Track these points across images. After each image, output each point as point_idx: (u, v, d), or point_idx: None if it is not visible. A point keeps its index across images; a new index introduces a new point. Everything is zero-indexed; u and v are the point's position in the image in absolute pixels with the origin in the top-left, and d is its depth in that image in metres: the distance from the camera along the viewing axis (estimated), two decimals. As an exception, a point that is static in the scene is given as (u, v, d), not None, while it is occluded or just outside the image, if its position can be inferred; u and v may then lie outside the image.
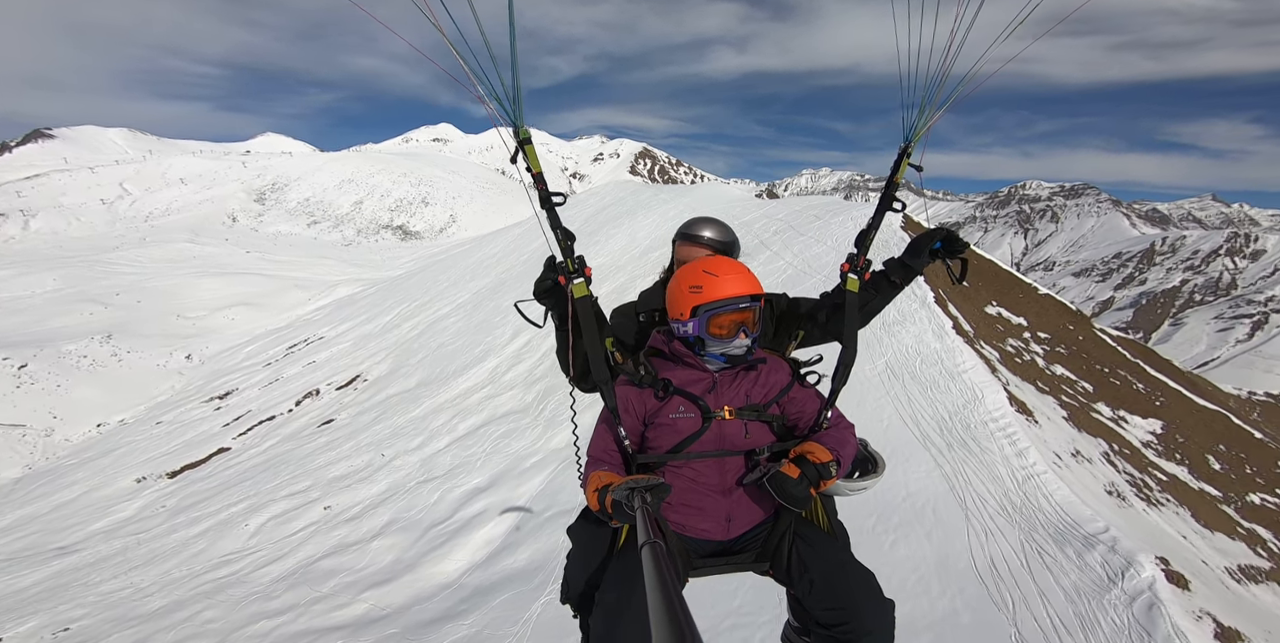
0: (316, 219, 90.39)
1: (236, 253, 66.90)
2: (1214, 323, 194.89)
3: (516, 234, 30.59)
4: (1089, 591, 6.06)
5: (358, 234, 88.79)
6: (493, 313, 21.25)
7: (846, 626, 1.71)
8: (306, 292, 48.55)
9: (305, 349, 32.41)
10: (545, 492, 11.23)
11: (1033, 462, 7.20)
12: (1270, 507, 10.08)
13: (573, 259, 1.94)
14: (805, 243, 15.77)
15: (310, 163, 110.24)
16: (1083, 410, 9.84)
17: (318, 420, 21.48)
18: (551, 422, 13.42)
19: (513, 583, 9.25)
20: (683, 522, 1.93)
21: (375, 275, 51.33)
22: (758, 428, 1.94)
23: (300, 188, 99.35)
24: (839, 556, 1.87)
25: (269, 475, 17.69)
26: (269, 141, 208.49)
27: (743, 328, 1.92)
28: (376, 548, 11.93)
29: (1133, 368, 12.84)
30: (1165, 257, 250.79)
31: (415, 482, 14.02)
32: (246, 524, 14.74)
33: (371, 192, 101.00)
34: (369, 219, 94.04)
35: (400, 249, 76.38)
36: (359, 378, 23.92)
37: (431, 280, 31.42)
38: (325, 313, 39.55)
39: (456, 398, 17.19)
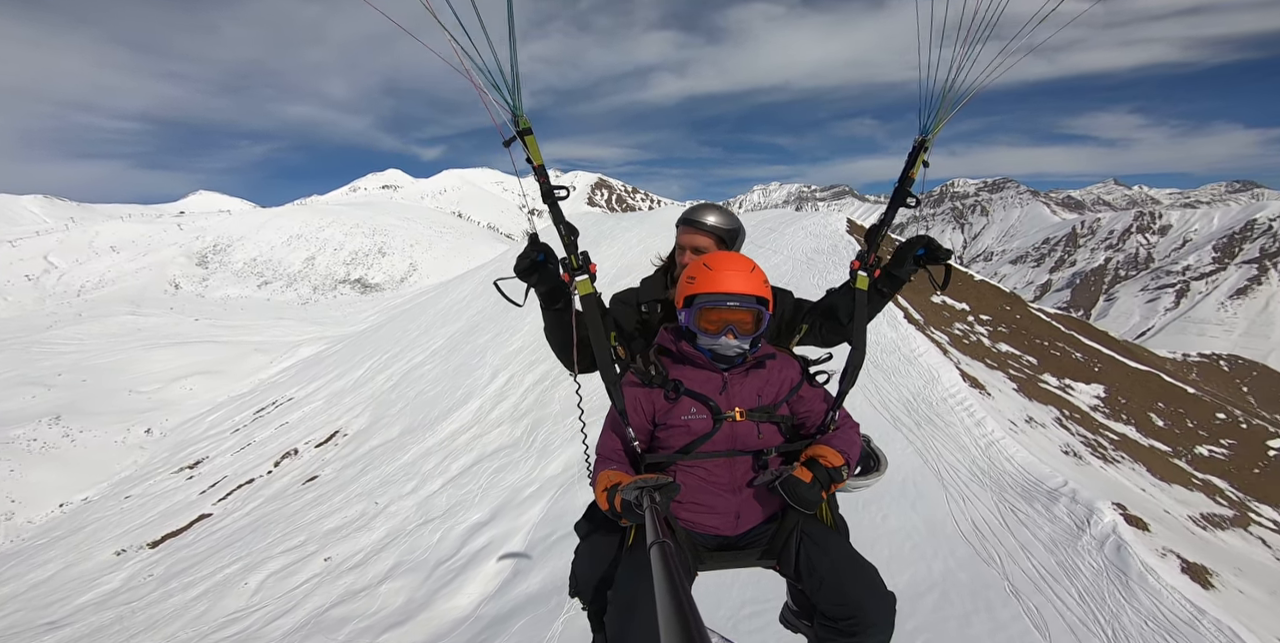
0: (267, 279, 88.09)
1: (184, 321, 64.54)
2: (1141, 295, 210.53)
3: (483, 276, 31.07)
4: (1063, 540, 6.79)
5: (314, 291, 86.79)
6: (470, 355, 21.49)
7: (852, 620, 1.77)
8: (267, 355, 47.15)
9: (275, 412, 31.48)
10: (547, 518, 11.46)
11: (990, 429, 8.11)
12: (1219, 457, 11.29)
13: (576, 255, 1.88)
14: (764, 254, 17.02)
15: (252, 220, 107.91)
16: (1030, 382, 11.01)
17: (301, 479, 20.95)
18: (544, 452, 13.72)
19: (529, 607, 9.36)
20: (692, 519, 1.95)
21: (339, 332, 50.42)
22: (769, 428, 1.96)
23: (245, 248, 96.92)
24: (845, 553, 1.90)
25: (259, 536, 17.19)
26: (203, 200, 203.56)
27: (731, 328, 1.88)
28: (386, 592, 11.84)
29: (1069, 339, 14.30)
30: (1086, 238, 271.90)
31: (414, 525, 13.95)
32: (246, 583, 14.36)
33: (323, 246, 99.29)
34: (324, 275, 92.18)
35: (362, 303, 75.18)
36: (338, 433, 23.49)
37: (400, 331, 31.36)
38: (291, 374, 38.56)
39: (444, 441, 17.25)
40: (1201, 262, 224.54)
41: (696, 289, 1.91)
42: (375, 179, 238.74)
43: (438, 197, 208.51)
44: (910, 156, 2.00)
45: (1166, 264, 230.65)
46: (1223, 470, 11.24)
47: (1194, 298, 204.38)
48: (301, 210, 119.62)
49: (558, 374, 16.31)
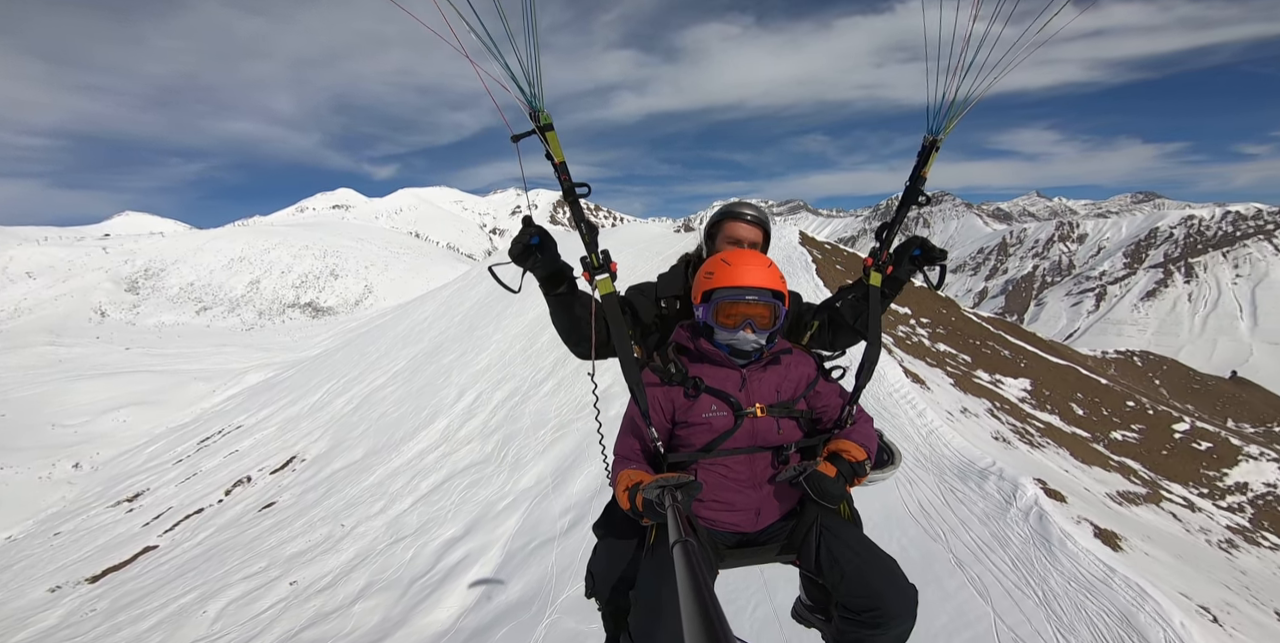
0: (206, 305, 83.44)
1: (113, 350, 60.41)
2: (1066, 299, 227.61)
3: (445, 296, 30.82)
4: (994, 513, 7.61)
5: (259, 317, 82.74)
6: (434, 376, 21.35)
7: (875, 611, 1.77)
8: (209, 383, 44.76)
9: (222, 440, 29.99)
10: (524, 528, 11.61)
11: (930, 420, 9.01)
12: (1131, 441, 12.70)
13: (597, 253, 1.87)
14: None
15: (188, 242, 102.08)
16: (965, 377, 12.16)
17: (256, 506, 20.15)
18: (516, 465, 13.87)
19: (511, 615, 9.48)
20: (712, 517, 1.94)
21: (289, 357, 48.41)
22: (788, 424, 1.96)
23: (181, 272, 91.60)
24: (865, 546, 1.91)
25: (214, 564, 16.49)
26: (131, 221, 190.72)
27: (749, 322, 1.89)
28: (360, 611, 11.62)
29: (999, 339, 15.80)
30: (1015, 248, 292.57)
31: (385, 544, 13.75)
32: (205, 611, 13.82)
33: (269, 269, 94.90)
34: (270, 299, 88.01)
35: (314, 327, 72.21)
36: (295, 459, 22.71)
37: (358, 354, 30.63)
38: (238, 402, 36.78)
39: (411, 461, 17.08)
40: (1115, 267, 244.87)
41: (715, 284, 1.92)
42: (325, 199, 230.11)
43: (393, 216, 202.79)
44: (921, 156, 2.02)
45: (1085, 270, 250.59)
46: (1135, 453, 12.65)
47: (1111, 301, 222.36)
48: (243, 232, 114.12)
49: (528, 389, 16.51)
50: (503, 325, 21.59)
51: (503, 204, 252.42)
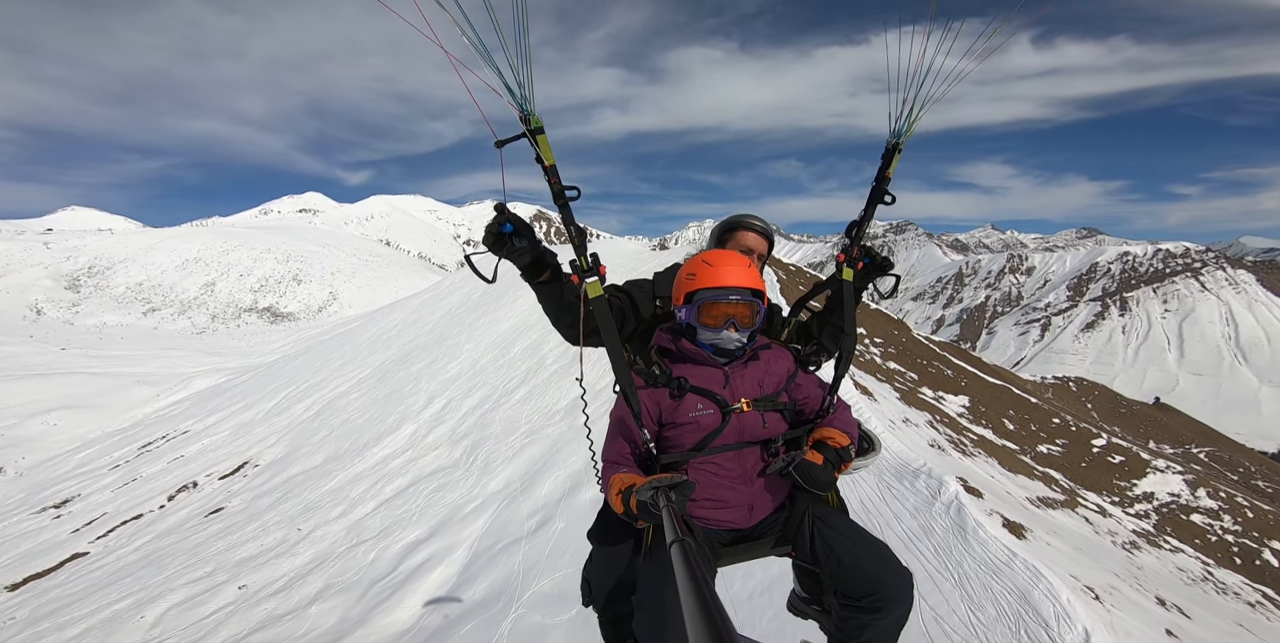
0: (155, 306, 79.44)
1: (48, 350, 56.89)
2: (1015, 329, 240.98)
3: (416, 305, 30.64)
4: (923, 507, 8.40)
5: (213, 320, 79.14)
6: (402, 383, 21.27)
7: (874, 596, 1.80)
8: (153, 387, 42.59)
9: (166, 446, 28.70)
10: (491, 530, 11.78)
11: (874, 427, 9.86)
12: (1054, 454, 13.94)
13: (586, 256, 1.89)
14: (693, 286, 18.77)
15: (139, 241, 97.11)
16: (911, 392, 13.20)
17: (202, 511, 19.45)
18: (486, 470, 14.04)
19: (476, 613, 9.62)
20: (706, 515, 1.95)
21: (243, 363, 46.61)
22: (773, 417, 1.98)
23: (128, 271, 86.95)
24: (858, 532, 1.94)
25: (153, 570, 15.83)
26: (76, 217, 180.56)
27: (732, 321, 1.92)
28: (316, 613, 11.42)
29: (943, 360, 17.11)
30: (970, 278, 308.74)
31: (344, 547, 13.59)
32: (142, 617, 13.23)
33: (226, 271, 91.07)
34: (226, 302, 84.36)
35: (271, 333, 69.57)
36: (247, 464, 22.06)
37: (321, 361, 30.02)
38: (185, 407, 35.22)
39: (375, 466, 16.95)
40: (1059, 299, 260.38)
41: (698, 285, 1.95)
42: (292, 202, 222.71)
43: (363, 223, 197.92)
44: (885, 158, 2.10)
45: (1032, 301, 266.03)
46: (1058, 464, 13.90)
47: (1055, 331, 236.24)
48: (201, 232, 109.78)
49: (499, 397, 16.73)
50: (475, 335, 21.76)
51: (479, 215, 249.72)
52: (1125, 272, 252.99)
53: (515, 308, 22.35)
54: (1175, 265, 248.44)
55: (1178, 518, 14.19)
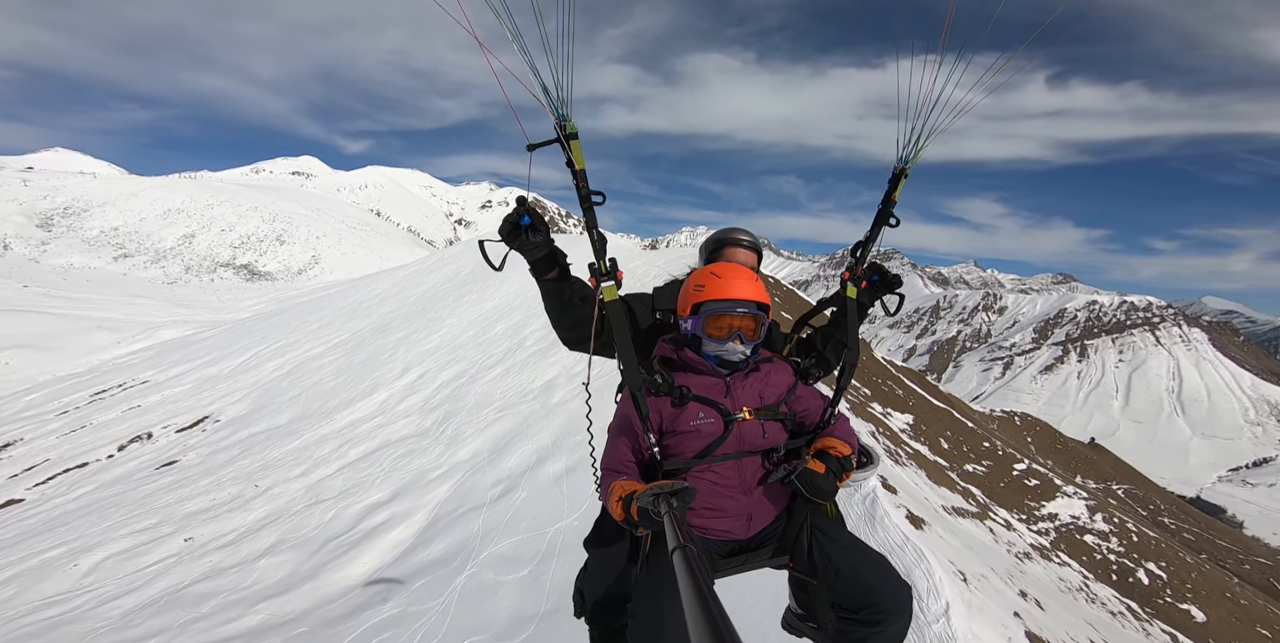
0: (127, 252, 76.96)
1: (9, 286, 54.67)
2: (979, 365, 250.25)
3: (400, 277, 30.48)
4: (844, 497, 8.94)
5: (186, 272, 77.05)
6: (379, 351, 21.21)
7: (872, 608, 1.80)
8: (115, 334, 41.35)
9: (121, 394, 27.97)
10: (454, 496, 11.94)
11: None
12: (979, 473, 14.85)
13: (605, 261, 1.91)
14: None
15: (122, 187, 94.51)
16: (861, 405, 13.92)
17: (154, 463, 19.11)
18: (455, 440, 14.19)
19: (431, 570, 9.77)
20: (705, 525, 1.95)
21: (212, 317, 45.53)
22: (773, 427, 1.99)
23: (105, 215, 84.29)
24: (856, 544, 1.95)
25: (94, 519, 15.47)
26: (59, 158, 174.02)
27: (738, 333, 1.94)
28: (264, 566, 11.27)
29: (897, 380, 18.00)
30: (946, 312, 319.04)
31: (302, 505, 13.55)
32: (76, 565, 12.90)
33: (208, 225, 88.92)
34: (203, 255, 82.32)
35: (246, 290, 68.01)
36: (207, 419, 21.73)
37: (297, 321, 29.65)
38: (147, 357, 34.31)
39: (343, 429, 16.92)
40: (1024, 341, 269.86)
41: (705, 296, 1.97)
42: (286, 164, 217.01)
43: (357, 191, 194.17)
44: (891, 182, 2.17)
45: (999, 340, 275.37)
46: (979, 482, 14.88)
47: (1016, 370, 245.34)
48: (188, 184, 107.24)
49: (475, 372, 16.85)
50: (458, 311, 21.86)
51: (474, 196, 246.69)
52: (1090, 320, 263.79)
53: (501, 290, 22.50)
54: (1136, 318, 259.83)
55: (1072, 537, 15.38)
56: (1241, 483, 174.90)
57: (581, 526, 9.34)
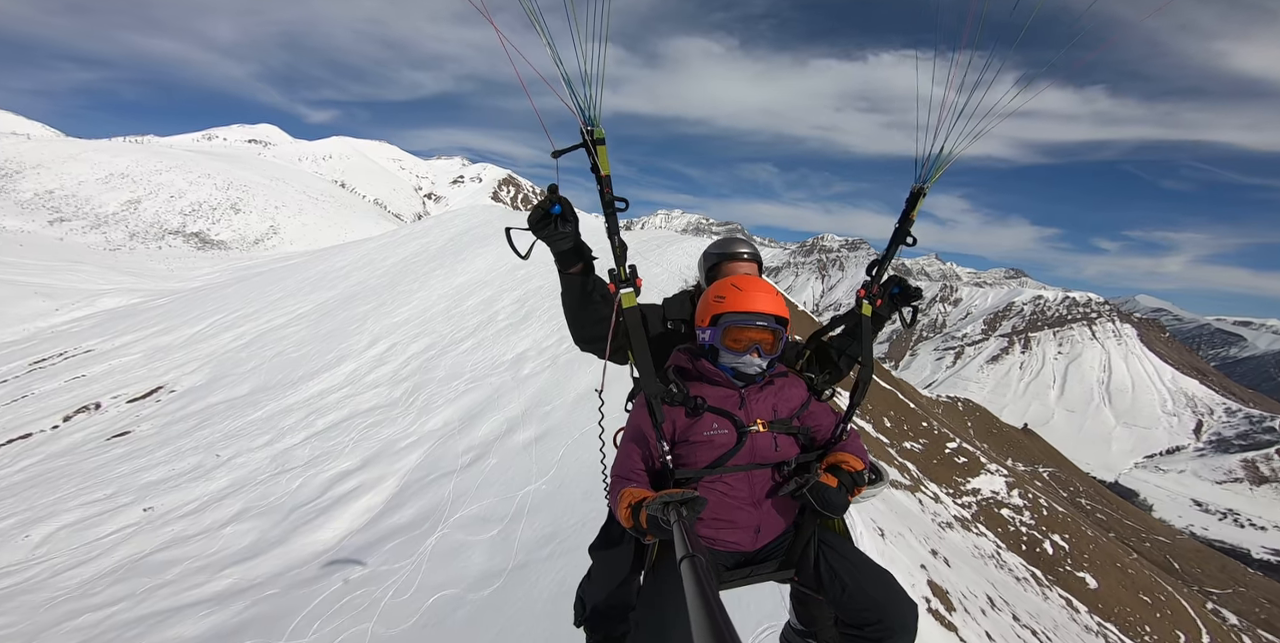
0: (64, 216, 72.08)
1: (-74, 248, 50.51)
2: (933, 353, 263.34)
3: (367, 250, 29.77)
4: None
5: (130, 238, 72.84)
6: (346, 322, 20.92)
7: (878, 625, 1.79)
8: (53, 301, 38.96)
9: (64, 363, 26.69)
10: (425, 463, 12.16)
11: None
12: (915, 450, 16.09)
13: (625, 267, 1.91)
14: (647, 265, 19.70)
15: (58, 149, 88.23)
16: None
17: (105, 434, 18.55)
18: (425, 410, 14.34)
19: (402, 532, 9.99)
20: (713, 536, 1.94)
21: (160, 286, 43.40)
22: (785, 441, 1.99)
23: (40, 177, 78.74)
24: (864, 560, 1.95)
25: (43, 491, 15.02)
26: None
27: (757, 347, 1.93)
28: (230, 533, 11.25)
29: None
30: None
31: (267, 475, 13.52)
32: (27, 536, 12.59)
33: (156, 191, 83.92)
34: (150, 222, 77.85)
35: (198, 259, 64.78)
36: (161, 389, 21.10)
37: (256, 292, 28.74)
38: (89, 325, 32.61)
39: (309, 399, 16.79)
40: (975, 332, 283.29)
41: (726, 308, 1.96)
42: (242, 131, 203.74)
43: (319, 162, 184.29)
44: (909, 202, 2.18)
45: (953, 330, 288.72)
46: (915, 458, 16.20)
47: (966, 360, 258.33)
48: (133, 148, 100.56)
49: (446, 345, 16.93)
50: (429, 285, 21.70)
51: (445, 170, 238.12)
52: (1035, 313, 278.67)
53: (474, 265, 22.39)
54: (1076, 313, 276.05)
55: (991, 510, 17.06)
56: (1155, 469, 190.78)
57: (550, 489, 9.82)
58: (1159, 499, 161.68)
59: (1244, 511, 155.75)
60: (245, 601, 8.97)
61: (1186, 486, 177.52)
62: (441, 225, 29.84)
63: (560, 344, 14.53)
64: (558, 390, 12.69)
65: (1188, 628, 19.39)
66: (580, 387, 12.54)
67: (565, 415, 11.57)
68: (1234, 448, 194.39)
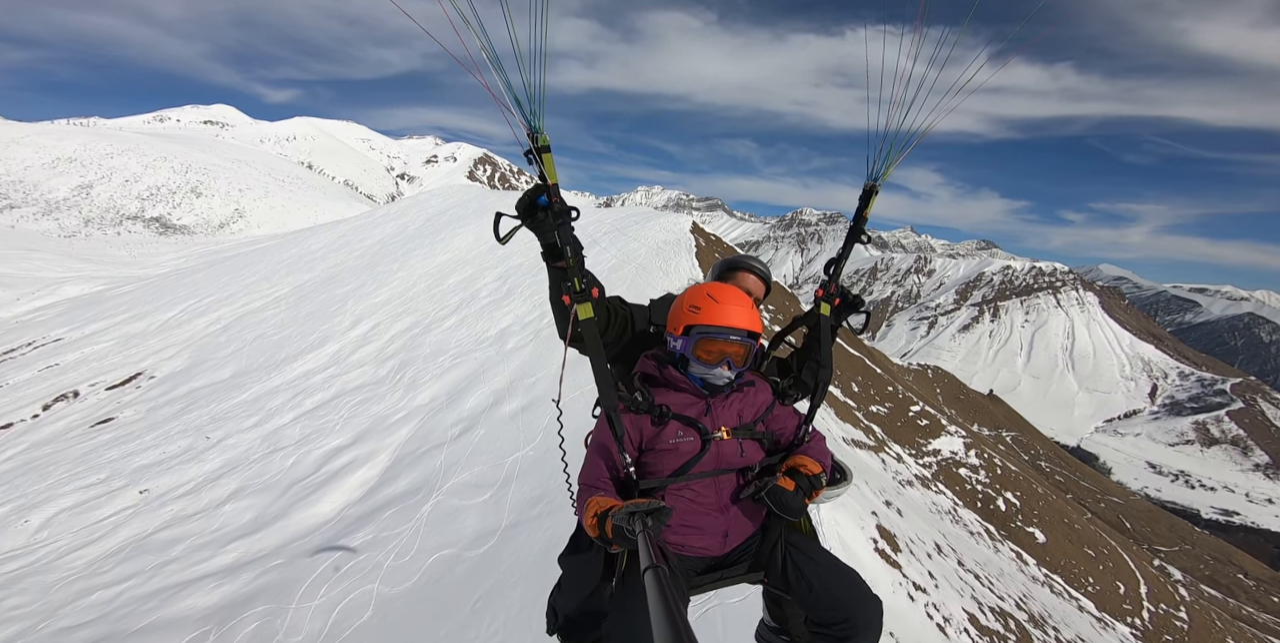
0: (13, 203, 68.72)
1: None
2: (909, 323, 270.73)
3: (343, 231, 29.39)
4: None
5: (86, 224, 69.93)
6: (326, 304, 20.97)
7: (845, 623, 1.86)
8: (12, 290, 37.71)
9: (33, 353, 26.19)
10: (415, 437, 12.62)
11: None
12: (881, 413, 17.12)
13: (581, 279, 1.89)
14: (625, 241, 20.12)
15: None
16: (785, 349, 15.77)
17: (87, 421, 18.56)
18: (412, 386, 14.74)
19: (398, 501, 10.47)
20: (681, 542, 1.96)
21: (123, 272, 42.19)
22: (751, 446, 2.01)
23: (-20, 164, 74.38)
24: (830, 560, 1.99)
25: (33, 478, 15.14)
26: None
27: (727, 360, 1.93)
28: (229, 511, 11.61)
29: None
30: (883, 273, 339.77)
31: (260, 454, 13.82)
32: (26, 521, 12.80)
33: (108, 175, 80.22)
34: (105, 207, 74.67)
35: (160, 244, 62.69)
36: (140, 375, 21.02)
37: (230, 276, 28.33)
38: (55, 314, 31.79)
39: (295, 380, 17.02)
40: (947, 302, 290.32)
41: (700, 320, 1.95)
42: (196, 112, 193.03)
43: (283, 143, 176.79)
44: (862, 200, 2.19)
45: (927, 301, 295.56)
46: (880, 421, 17.25)
47: (939, 330, 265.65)
48: (79, 132, 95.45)
49: (429, 323, 17.25)
50: (409, 264, 21.78)
51: (417, 150, 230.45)
52: (1003, 283, 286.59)
53: (453, 244, 22.47)
54: (1042, 282, 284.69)
55: (949, 470, 18.38)
56: (1113, 433, 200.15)
57: (537, 454, 10.47)
58: (1117, 463, 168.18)
59: (1194, 472, 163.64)
60: (253, 571, 9.41)
61: (1142, 448, 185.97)
62: (419, 205, 29.58)
63: (542, 319, 14.97)
64: (541, 362, 13.21)
65: (1127, 580, 21.22)
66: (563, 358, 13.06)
67: (549, 386, 12.12)
68: (1186, 411, 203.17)
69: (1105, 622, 16.83)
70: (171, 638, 7.94)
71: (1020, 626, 11.01)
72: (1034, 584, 15.71)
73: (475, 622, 7.19)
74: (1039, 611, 12.98)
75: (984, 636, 9.45)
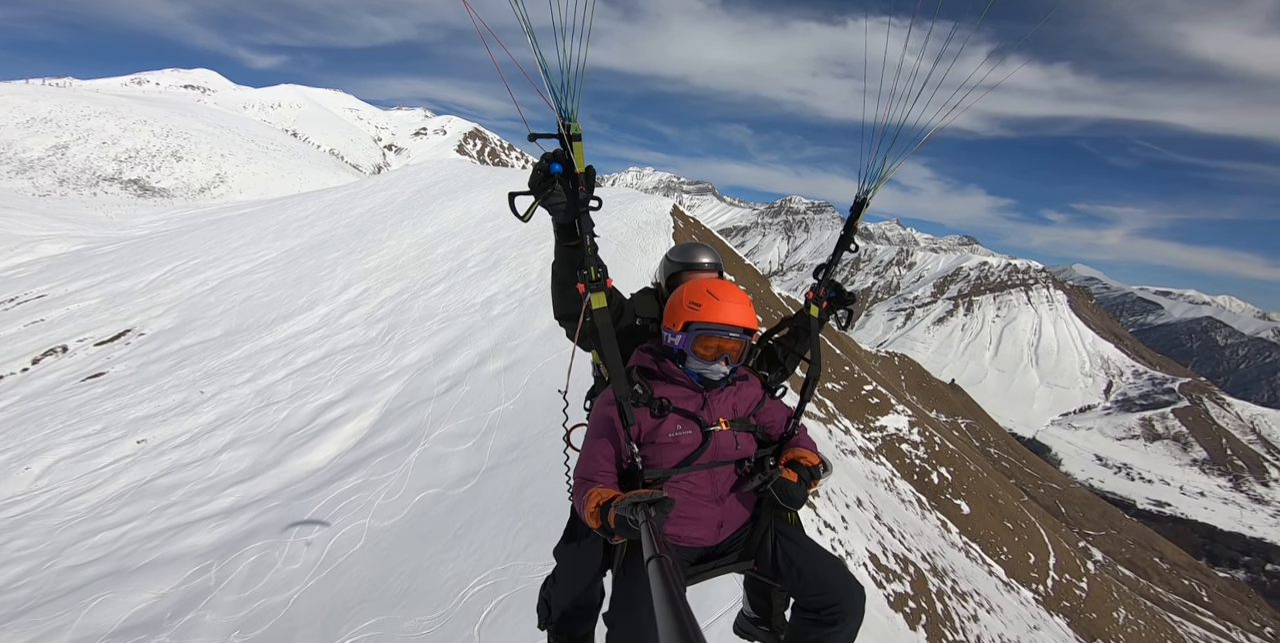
0: (-19, 160, 66.41)
1: None
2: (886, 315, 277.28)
3: (332, 199, 29.55)
4: None
5: (60, 184, 68.20)
6: (315, 269, 21.52)
7: (833, 608, 1.93)
8: (-15, 245, 37.07)
9: (17, 309, 26.30)
10: (405, 392, 13.35)
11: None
12: (836, 390, 18.70)
13: (596, 268, 1.90)
14: (609, 219, 21.02)
15: (-34, 92, 79.73)
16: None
17: (78, 376, 19.09)
18: (401, 346, 15.50)
19: (387, 450, 11.25)
20: (678, 533, 2.03)
21: (102, 233, 41.65)
22: (745, 438, 2.10)
23: (-51, 123, 71.47)
24: (816, 548, 2.08)
25: (30, 428, 15.63)
26: None
27: (725, 356, 2.01)
28: (226, 459, 12.15)
29: (786, 312, 21.43)
30: (866, 264, 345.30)
31: (254, 408, 14.43)
32: (27, 468, 13.31)
33: (85, 136, 77.95)
34: (80, 168, 72.73)
35: (139, 206, 61.52)
36: (129, 332, 21.50)
37: (215, 240, 28.52)
38: (35, 271, 31.61)
39: (285, 340, 17.68)
40: (925, 294, 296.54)
41: (699, 317, 2.00)
42: (177, 76, 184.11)
43: (268, 110, 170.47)
44: (853, 211, 2.28)
45: (905, 293, 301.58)
46: (834, 397, 18.78)
47: (915, 321, 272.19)
48: (55, 92, 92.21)
49: (418, 289, 18.02)
50: (397, 234, 22.35)
51: (406, 122, 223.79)
52: (979, 278, 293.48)
53: (442, 216, 23.02)
54: (1016, 279, 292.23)
55: (893, 445, 20.10)
56: (1068, 427, 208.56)
57: (517, 408, 11.56)
58: (1068, 454, 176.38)
59: (1136, 465, 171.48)
60: (251, 513, 10.16)
61: (1092, 442, 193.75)
62: (408, 178, 29.86)
63: (527, 289, 15.89)
64: (524, 328, 14.17)
65: (1038, 551, 23.35)
66: (545, 324, 14.03)
67: (531, 348, 13.13)
68: (1135, 407, 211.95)
69: (1011, 586, 18.80)
70: (175, 572, 8.57)
71: (920, 572, 12.55)
72: (951, 549, 17.38)
73: (457, 544, 8.33)
74: (944, 566, 14.63)
75: (880, 571, 10.91)
